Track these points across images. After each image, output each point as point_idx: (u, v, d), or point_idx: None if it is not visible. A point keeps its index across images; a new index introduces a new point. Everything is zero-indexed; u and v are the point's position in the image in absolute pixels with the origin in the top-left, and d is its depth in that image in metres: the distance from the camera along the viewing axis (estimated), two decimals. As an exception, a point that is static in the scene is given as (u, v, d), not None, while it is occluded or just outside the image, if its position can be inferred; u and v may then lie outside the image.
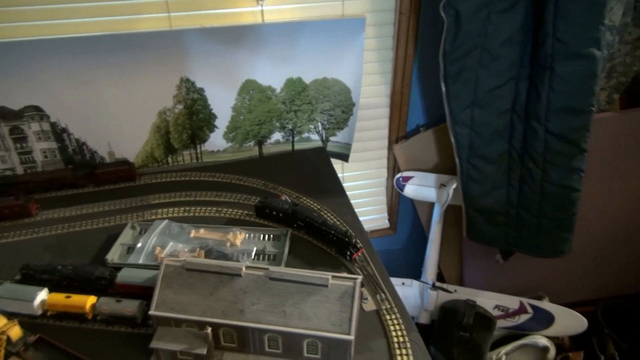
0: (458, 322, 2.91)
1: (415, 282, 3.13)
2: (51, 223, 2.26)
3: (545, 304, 3.10)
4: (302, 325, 1.57)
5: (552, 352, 2.95)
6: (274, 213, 2.21)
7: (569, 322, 3.07)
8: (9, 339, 1.57)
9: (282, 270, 1.66)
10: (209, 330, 1.57)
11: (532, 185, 2.65)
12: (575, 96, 2.37)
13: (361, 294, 1.85)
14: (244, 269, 1.66)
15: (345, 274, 1.67)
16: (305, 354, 1.62)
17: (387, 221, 3.32)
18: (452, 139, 2.68)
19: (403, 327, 1.76)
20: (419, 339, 1.72)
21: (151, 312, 1.62)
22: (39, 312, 1.74)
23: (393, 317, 1.80)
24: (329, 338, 1.55)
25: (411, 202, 3.28)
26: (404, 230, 3.42)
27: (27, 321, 1.73)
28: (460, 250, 3.31)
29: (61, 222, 2.26)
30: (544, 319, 3.09)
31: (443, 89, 2.55)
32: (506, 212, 2.79)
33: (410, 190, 3.03)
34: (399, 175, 3.04)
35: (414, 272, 3.28)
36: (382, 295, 1.90)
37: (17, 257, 1.99)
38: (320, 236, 2.12)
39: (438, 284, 3.08)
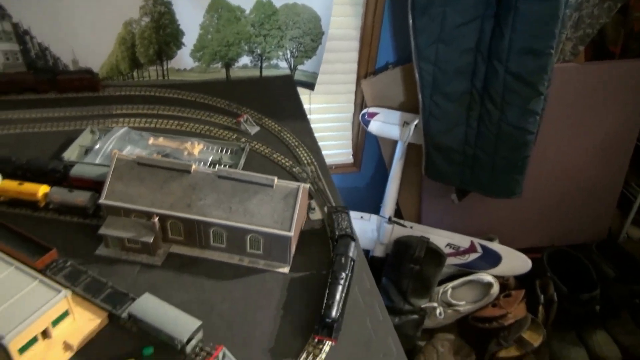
0: (410, 256, 3.03)
1: (373, 217, 3.24)
2: (10, 123, 2.26)
3: (494, 245, 3.26)
4: (246, 221, 1.64)
5: (496, 288, 3.12)
6: None
7: (515, 262, 3.24)
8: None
9: (230, 169, 1.73)
10: (156, 219, 1.64)
11: (490, 125, 2.73)
12: (536, 37, 2.43)
13: (309, 204, 1.94)
14: (193, 166, 1.72)
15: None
16: (248, 249, 1.70)
17: (351, 157, 3.40)
18: (417, 75, 2.73)
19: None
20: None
21: (101, 201, 1.67)
22: (-13, 198, 1.78)
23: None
24: (271, 234, 1.63)
25: (376, 140, 3.35)
26: (368, 168, 3.50)
27: (-20, 206, 1.77)
28: (419, 190, 3.42)
29: (20, 123, 2.26)
30: (491, 259, 3.25)
31: (410, 21, 2.57)
32: (463, 151, 2.88)
33: (374, 126, 3.09)
34: (364, 110, 3.09)
35: (375, 209, 3.38)
36: (330, 207, 1.98)
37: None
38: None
39: (394, 219, 3.20)
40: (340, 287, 1.53)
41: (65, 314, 1.38)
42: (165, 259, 1.70)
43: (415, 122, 2.93)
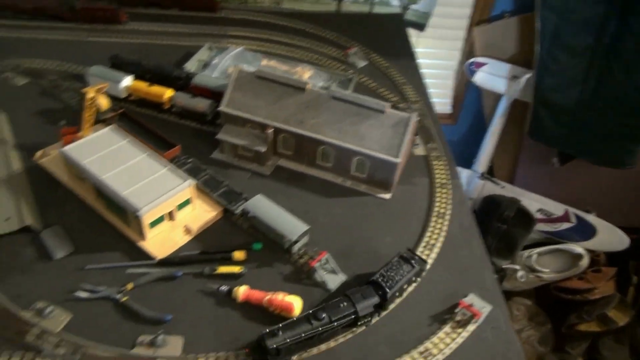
0: (499, 214, 2.96)
1: (465, 171, 3.17)
2: (137, 33, 2.42)
3: (590, 217, 3.09)
4: (355, 143, 1.67)
5: (586, 260, 2.98)
6: None
7: (611, 238, 3.06)
8: (99, 108, 1.77)
9: (344, 91, 1.75)
10: (270, 131, 1.71)
11: (611, 86, 2.53)
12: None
13: (413, 139, 1.93)
14: (309, 84, 1.76)
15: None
16: (353, 171, 1.74)
17: (449, 107, 3.31)
18: (538, 24, 2.56)
19: (448, 172, 1.84)
20: (459, 185, 1.80)
21: (221, 108, 1.77)
22: (123, 94, 1.93)
23: (439, 163, 1.88)
24: (378, 158, 1.65)
25: (478, 92, 3.22)
26: (465, 121, 3.40)
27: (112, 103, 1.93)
28: (516, 150, 3.28)
29: (146, 34, 2.42)
30: (585, 231, 3.09)
31: (540, -37, 2.40)
32: (575, 112, 2.71)
33: (480, 77, 2.97)
34: (471, 60, 2.97)
35: (467, 164, 3.30)
36: (433, 144, 1.97)
37: (108, 54, 2.17)
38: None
39: (487, 176, 3.11)
40: None
41: (187, 202, 1.51)
42: (273, 171, 1.78)
43: (527, 76, 2.78)
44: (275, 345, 1.16)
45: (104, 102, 1.78)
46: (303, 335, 1.18)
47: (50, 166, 1.65)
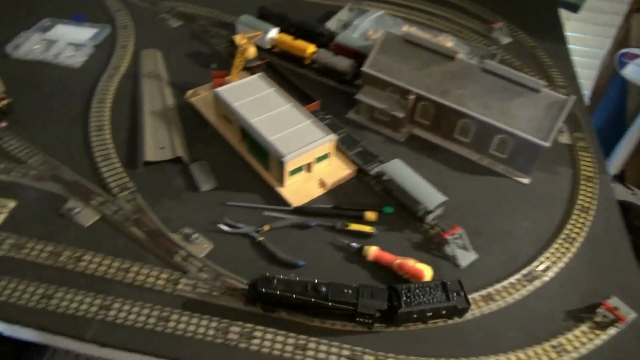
0: (627, 221, 2.71)
1: (592, 170, 2.92)
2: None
3: None
4: (501, 120, 1.59)
5: None
6: None
7: None
8: (247, 56, 1.83)
9: (497, 64, 1.66)
10: (412, 97, 1.67)
11: None
12: None
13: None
14: (459, 54, 1.68)
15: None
16: (492, 150, 1.66)
17: (588, 99, 3.05)
18: None
19: (595, 165, 1.69)
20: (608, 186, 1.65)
21: (364, 69, 1.75)
22: (268, 45, 1.99)
23: (586, 155, 1.74)
24: (525, 139, 1.55)
25: (622, 87, 2.93)
26: (601, 116, 3.12)
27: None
28: (658, 156, 2.96)
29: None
30: None
31: None
32: None
33: (631, 70, 2.68)
34: (624, 50, 2.69)
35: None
36: (580, 134, 1.82)
37: (253, 5, 2.24)
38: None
39: (618, 179, 2.85)
40: None
41: (325, 156, 1.53)
42: (408, 138, 1.75)
43: (692, 74, 2.47)
44: (264, 290, 1.16)
45: (252, 51, 1.84)
46: (294, 296, 1.15)
47: (200, 105, 1.74)
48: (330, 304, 1.14)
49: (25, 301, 1.18)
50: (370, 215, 1.44)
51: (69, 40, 1.98)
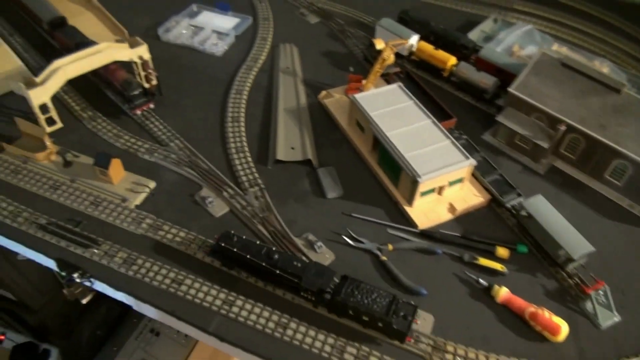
0: None
1: None
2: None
3: None
4: (666, 168, 1.41)
5: None
6: None
7: None
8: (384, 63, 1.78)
9: (672, 104, 1.46)
10: (563, 127, 1.53)
11: None
12: None
13: None
14: (625, 87, 1.51)
15: None
16: (648, 199, 1.48)
17: None
18: None
19: None
20: None
21: (511, 90, 1.62)
22: (405, 53, 1.92)
23: None
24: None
25: None
26: None
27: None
28: None
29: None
30: None
31: None
32: None
33: None
34: None
35: None
36: None
37: (390, 6, 2.18)
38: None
39: None
40: None
41: (459, 180, 1.44)
42: (548, 171, 1.61)
43: None
44: (223, 244, 1.22)
45: (391, 57, 1.78)
46: (248, 257, 1.20)
47: (332, 107, 1.73)
48: (277, 271, 1.19)
49: (157, 283, 1.24)
50: (502, 251, 1.34)
51: (213, 28, 2.05)
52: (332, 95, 1.77)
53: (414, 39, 1.89)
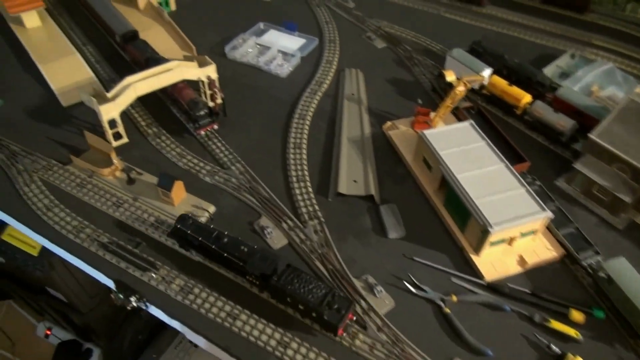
0: None
1: None
2: (494, 20, 2.28)
3: None
4: None
5: None
6: None
7: None
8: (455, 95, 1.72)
9: None
10: (648, 182, 1.42)
11: None
12: None
13: None
14: None
15: None
16: None
17: None
18: None
19: None
20: None
21: (592, 136, 1.52)
22: (477, 86, 1.84)
23: None
24: None
25: None
26: None
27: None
28: None
29: (504, 23, 2.25)
30: None
31: None
32: None
33: None
34: None
35: None
36: None
37: (461, 34, 2.11)
38: None
39: None
40: None
41: (531, 232, 1.36)
42: (627, 226, 1.49)
43: None
44: (179, 226, 1.30)
45: (461, 92, 1.71)
46: (200, 239, 1.27)
47: (397, 140, 1.67)
48: (225, 254, 1.24)
49: (213, 315, 1.22)
50: (577, 315, 1.24)
51: (279, 48, 2.04)
52: (397, 127, 1.72)
53: (486, 73, 1.81)
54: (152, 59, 1.77)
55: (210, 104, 1.75)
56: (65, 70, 1.88)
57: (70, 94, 1.80)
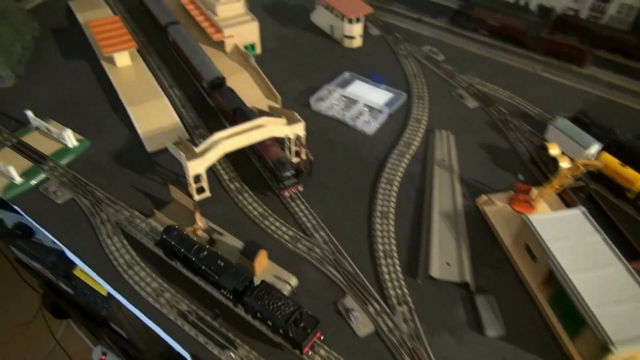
0: None
1: None
2: (594, 81, 2.11)
3: None
4: None
5: None
6: None
7: None
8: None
9: None
10: None
11: None
12: None
13: None
14: None
15: None
16: None
17: None
18: None
19: None
20: None
21: None
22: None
23: None
24: None
25: None
26: None
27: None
28: None
29: (605, 86, 2.08)
30: None
31: None
32: None
33: None
34: None
35: None
36: None
37: (559, 96, 1.96)
38: None
39: None
40: None
41: (656, 349, 1.19)
42: None
43: None
44: (164, 236, 1.35)
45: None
46: (182, 250, 1.31)
47: (493, 218, 1.54)
48: (203, 267, 1.27)
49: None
50: None
51: (366, 102, 1.96)
52: (493, 203, 1.59)
53: (594, 149, 1.66)
54: (239, 110, 1.73)
55: (295, 159, 1.69)
56: (152, 114, 1.88)
57: (155, 140, 1.78)
